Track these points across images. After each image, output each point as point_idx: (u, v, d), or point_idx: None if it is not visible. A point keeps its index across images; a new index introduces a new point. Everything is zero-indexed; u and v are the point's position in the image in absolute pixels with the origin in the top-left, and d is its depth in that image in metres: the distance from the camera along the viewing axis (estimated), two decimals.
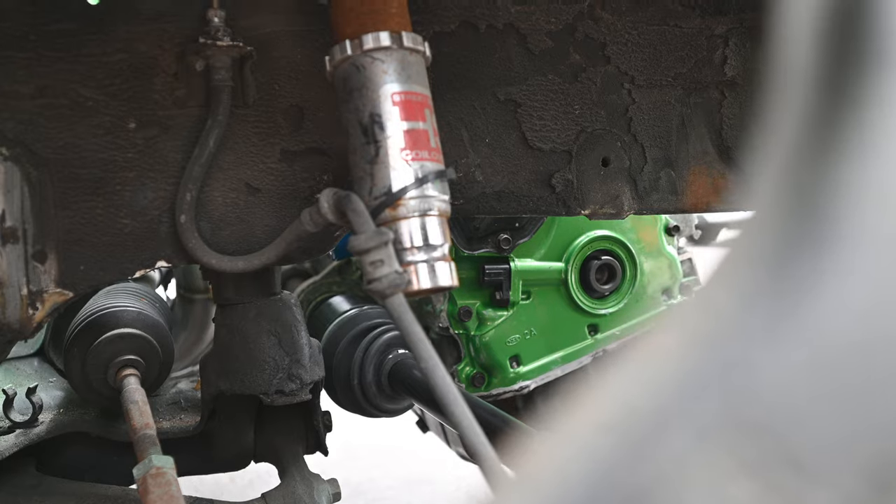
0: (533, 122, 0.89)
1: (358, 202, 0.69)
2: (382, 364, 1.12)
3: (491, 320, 1.17)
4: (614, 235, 1.22)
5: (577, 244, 1.20)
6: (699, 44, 0.94)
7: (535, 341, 1.18)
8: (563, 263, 1.20)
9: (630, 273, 1.23)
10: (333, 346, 1.15)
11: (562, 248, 1.20)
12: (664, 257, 1.28)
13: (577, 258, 1.21)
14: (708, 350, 0.15)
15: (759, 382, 0.14)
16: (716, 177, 0.97)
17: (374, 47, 0.70)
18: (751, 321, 0.15)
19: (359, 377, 1.12)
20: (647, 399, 0.15)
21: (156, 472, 0.76)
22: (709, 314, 0.15)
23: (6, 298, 0.75)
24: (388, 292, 0.65)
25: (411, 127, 0.71)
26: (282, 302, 0.89)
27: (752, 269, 0.15)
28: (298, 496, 0.98)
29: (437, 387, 0.61)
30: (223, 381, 0.88)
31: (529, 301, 1.19)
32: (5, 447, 0.91)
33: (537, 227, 1.17)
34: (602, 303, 1.22)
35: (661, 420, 0.14)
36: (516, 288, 1.17)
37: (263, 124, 0.82)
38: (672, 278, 1.28)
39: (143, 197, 0.79)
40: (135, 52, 0.78)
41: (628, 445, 0.14)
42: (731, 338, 0.14)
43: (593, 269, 1.20)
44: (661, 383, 0.15)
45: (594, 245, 1.21)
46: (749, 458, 0.12)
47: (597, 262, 1.21)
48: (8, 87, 0.74)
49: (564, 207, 0.90)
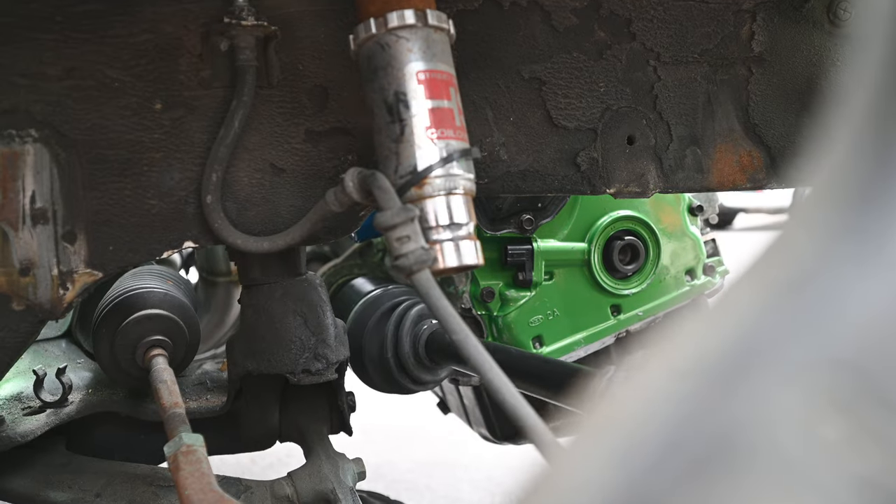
0: (558, 100, 0.88)
1: (383, 180, 0.69)
2: (418, 335, 1.12)
3: (514, 301, 1.17)
4: (637, 215, 1.21)
5: (600, 224, 1.20)
6: (726, 19, 0.93)
7: (557, 322, 1.18)
8: (586, 244, 1.19)
9: (653, 253, 1.22)
10: (361, 327, 1.15)
11: (585, 228, 1.20)
12: (688, 238, 1.27)
13: (601, 238, 1.20)
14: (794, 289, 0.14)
15: (848, 320, 0.14)
16: (742, 155, 0.96)
17: (398, 25, 0.70)
18: (837, 259, 0.14)
19: (394, 350, 1.12)
20: (732, 341, 0.15)
21: (186, 450, 0.77)
22: (793, 254, 0.15)
23: (37, 279, 0.76)
24: (415, 268, 0.65)
25: (436, 105, 0.70)
26: (307, 282, 0.89)
27: (834, 207, 0.15)
28: (324, 475, 0.99)
29: (471, 357, 0.61)
30: (250, 361, 0.89)
31: (552, 282, 1.18)
32: (37, 426, 0.93)
33: (560, 208, 1.17)
34: (625, 283, 1.22)
35: (747, 361, 0.14)
36: (539, 268, 1.16)
37: (288, 105, 0.82)
38: (696, 259, 1.27)
39: (170, 178, 0.79)
40: (160, 33, 0.78)
41: (713, 387, 0.14)
42: (817, 276, 0.14)
43: (616, 250, 1.20)
44: (745, 325, 0.15)
45: (617, 225, 1.21)
46: (840, 397, 0.12)
47: (620, 242, 1.20)
48: (36, 68, 0.74)
49: (589, 186, 0.90)
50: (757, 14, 0.93)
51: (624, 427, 0.15)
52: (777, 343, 0.14)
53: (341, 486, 0.99)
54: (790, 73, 0.95)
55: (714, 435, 0.13)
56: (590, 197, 1.21)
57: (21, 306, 0.75)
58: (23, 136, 0.74)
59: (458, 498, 2.34)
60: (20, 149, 0.74)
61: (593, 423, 0.17)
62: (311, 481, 0.99)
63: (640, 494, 0.14)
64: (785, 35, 0.94)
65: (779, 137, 0.96)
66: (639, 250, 1.21)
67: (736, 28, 0.93)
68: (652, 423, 0.15)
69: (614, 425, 0.16)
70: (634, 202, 1.24)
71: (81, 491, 0.96)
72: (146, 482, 0.98)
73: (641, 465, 0.14)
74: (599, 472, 0.15)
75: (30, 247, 0.75)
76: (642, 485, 0.14)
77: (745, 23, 0.93)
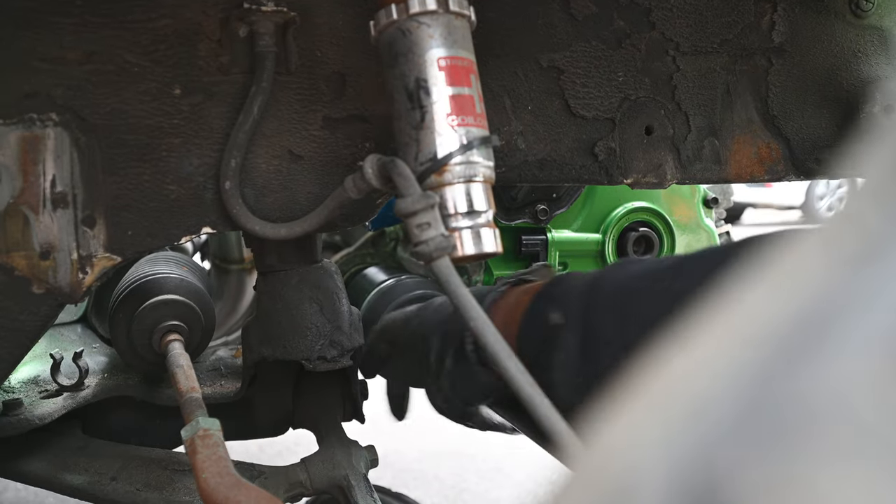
0: (576, 89, 0.88)
1: (403, 166, 0.68)
2: None
3: None
4: (652, 207, 1.21)
5: (614, 215, 1.19)
6: (746, 9, 0.92)
7: None
8: (601, 234, 1.19)
9: (668, 245, 1.22)
10: (374, 316, 1.15)
11: (599, 219, 1.20)
12: (702, 230, 1.26)
13: (615, 229, 1.20)
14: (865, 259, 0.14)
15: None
16: (760, 146, 0.96)
17: (420, 11, 0.70)
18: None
19: None
20: (802, 308, 0.15)
21: (203, 434, 0.77)
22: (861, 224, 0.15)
23: (57, 263, 0.76)
24: (435, 255, 0.65)
25: (457, 92, 0.70)
26: (323, 269, 0.89)
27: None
28: (338, 461, 1.00)
29: (488, 344, 0.61)
30: (265, 348, 0.89)
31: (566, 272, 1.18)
32: (54, 409, 0.93)
33: (574, 198, 1.17)
34: None
35: (819, 328, 0.14)
36: (553, 258, 1.16)
37: (305, 91, 0.82)
38: None
39: (189, 163, 0.79)
40: (179, 18, 0.78)
41: (786, 354, 0.14)
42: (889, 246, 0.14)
43: (631, 241, 1.19)
44: (814, 293, 0.15)
45: (632, 216, 1.20)
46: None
47: (634, 233, 1.20)
48: (56, 53, 0.74)
49: (607, 176, 0.89)
50: (778, 4, 0.92)
51: (688, 392, 0.15)
52: (849, 310, 0.14)
53: (354, 473, 0.99)
54: (810, 65, 0.95)
55: (789, 401, 0.13)
56: (604, 188, 1.21)
57: (41, 289, 0.76)
58: (44, 121, 0.74)
59: (466, 488, 2.35)
60: (41, 133, 0.74)
61: (645, 392, 0.17)
62: (325, 467, 0.99)
63: (715, 457, 0.14)
64: (806, 26, 0.94)
65: (798, 129, 0.95)
66: (653, 242, 1.21)
67: (756, 18, 0.92)
68: (722, 389, 0.15)
69: (674, 391, 0.16)
70: (649, 193, 1.23)
71: (97, 474, 0.96)
72: (161, 466, 0.99)
73: (715, 431, 0.14)
74: (662, 439, 0.15)
75: (50, 230, 0.75)
76: (717, 447, 0.14)
77: (766, 13, 0.92)
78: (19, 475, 0.98)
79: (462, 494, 2.30)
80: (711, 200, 1.27)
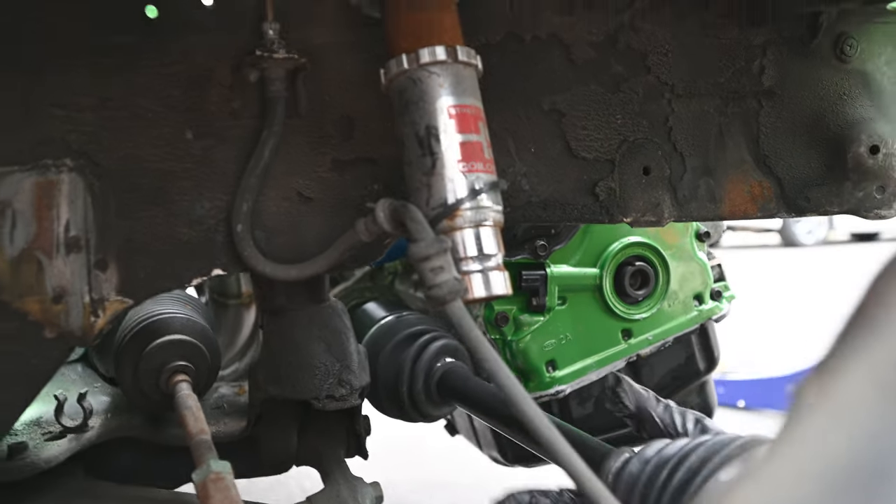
0: (577, 131, 0.91)
1: (416, 211, 0.70)
2: (431, 372, 1.13)
3: (527, 325, 1.18)
4: (647, 241, 1.24)
5: (611, 250, 1.22)
6: (737, 54, 0.96)
7: (570, 346, 1.20)
8: (598, 269, 1.22)
9: (663, 278, 1.25)
10: (375, 353, 1.16)
11: (596, 254, 1.22)
12: (695, 263, 1.29)
13: (612, 264, 1.22)
14: None
15: None
16: (753, 185, 0.99)
17: (430, 61, 0.72)
18: None
19: (408, 385, 1.12)
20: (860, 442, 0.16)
21: (215, 477, 0.77)
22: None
23: (69, 306, 0.77)
24: (448, 298, 0.67)
25: (466, 139, 0.72)
26: (331, 309, 0.90)
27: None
28: (343, 499, 1.00)
29: (504, 386, 0.63)
30: (273, 387, 0.90)
31: (565, 306, 1.20)
32: (60, 452, 0.93)
33: (572, 234, 1.19)
34: (636, 308, 1.24)
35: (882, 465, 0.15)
36: (552, 293, 1.18)
37: (314, 134, 0.84)
38: (703, 284, 1.30)
39: (200, 206, 0.80)
40: (192, 64, 0.79)
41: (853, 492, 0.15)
42: None
43: (627, 275, 1.22)
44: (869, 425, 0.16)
45: (628, 251, 1.23)
46: None
47: (630, 267, 1.23)
48: (71, 99, 0.75)
49: (607, 215, 0.92)
50: (767, 49, 0.96)
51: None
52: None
53: None
54: (798, 107, 0.98)
55: None
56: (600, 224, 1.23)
57: (53, 333, 0.76)
58: (58, 166, 0.75)
59: None
60: (56, 178, 0.75)
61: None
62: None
63: None
64: (794, 70, 0.97)
65: (788, 168, 0.99)
66: (649, 276, 1.23)
67: (747, 62, 0.96)
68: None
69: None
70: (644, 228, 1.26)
71: None
72: None
73: None
74: None
75: (63, 275, 0.76)
76: None
77: (756, 57, 0.96)
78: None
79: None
80: (704, 234, 1.30)
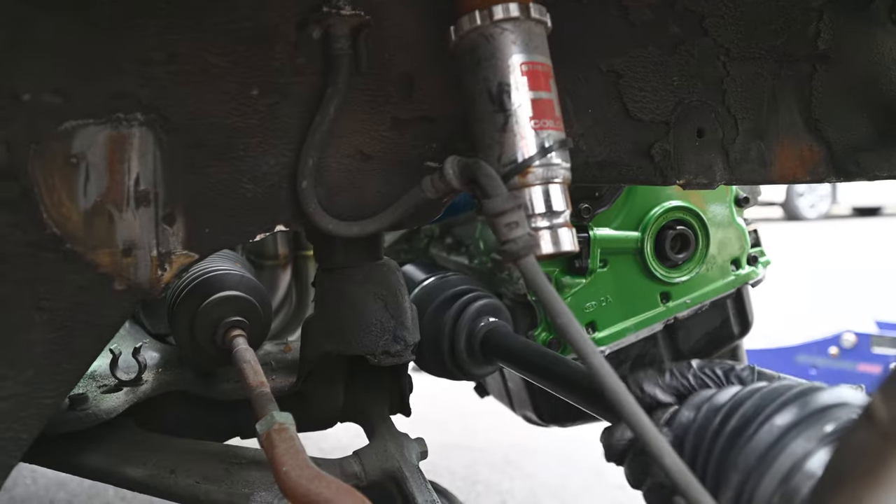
0: (634, 93, 0.91)
1: (489, 168, 0.71)
2: (474, 332, 1.14)
3: (569, 287, 1.20)
4: (689, 206, 1.24)
5: (653, 214, 1.23)
6: (794, 17, 0.95)
7: (610, 308, 1.21)
8: (640, 232, 1.23)
9: (703, 243, 1.26)
10: (420, 312, 1.17)
11: (638, 217, 1.23)
12: (734, 228, 1.30)
13: (653, 227, 1.23)
14: None
15: None
16: (803, 149, 0.99)
17: (503, 17, 0.72)
18: None
19: (450, 343, 1.14)
20: None
21: (279, 428, 0.79)
22: None
23: (138, 259, 0.77)
24: (523, 253, 0.68)
25: (537, 97, 0.73)
26: (387, 266, 0.91)
27: None
28: (390, 454, 1.02)
29: (574, 341, 0.64)
30: (329, 342, 0.91)
31: (606, 269, 1.21)
32: (119, 404, 0.95)
33: (615, 197, 1.20)
34: (675, 271, 1.25)
35: None
36: (595, 256, 1.19)
37: (375, 92, 0.84)
38: (741, 249, 1.31)
39: (265, 163, 0.81)
40: (258, 21, 0.79)
41: None
42: None
43: (668, 239, 1.23)
44: None
45: (669, 215, 1.24)
46: None
47: (671, 231, 1.24)
48: (142, 54, 0.75)
49: (661, 177, 0.92)
50: (824, 12, 0.96)
51: None
52: None
53: (407, 465, 1.02)
54: (852, 71, 0.98)
55: None
56: (643, 187, 1.24)
57: (122, 286, 0.77)
58: (130, 120, 0.75)
59: (479, 480, 2.38)
60: (127, 132, 0.75)
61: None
62: (378, 460, 1.02)
63: None
64: (849, 33, 0.97)
65: (839, 133, 0.99)
66: (689, 239, 1.25)
67: (803, 26, 0.96)
68: None
69: None
70: (684, 192, 1.27)
71: (156, 468, 0.98)
72: (218, 459, 1.01)
73: None
74: None
75: (132, 228, 0.76)
76: None
77: (812, 21, 0.96)
78: (76, 469, 0.99)
79: (475, 486, 2.33)
80: (743, 199, 1.31)
